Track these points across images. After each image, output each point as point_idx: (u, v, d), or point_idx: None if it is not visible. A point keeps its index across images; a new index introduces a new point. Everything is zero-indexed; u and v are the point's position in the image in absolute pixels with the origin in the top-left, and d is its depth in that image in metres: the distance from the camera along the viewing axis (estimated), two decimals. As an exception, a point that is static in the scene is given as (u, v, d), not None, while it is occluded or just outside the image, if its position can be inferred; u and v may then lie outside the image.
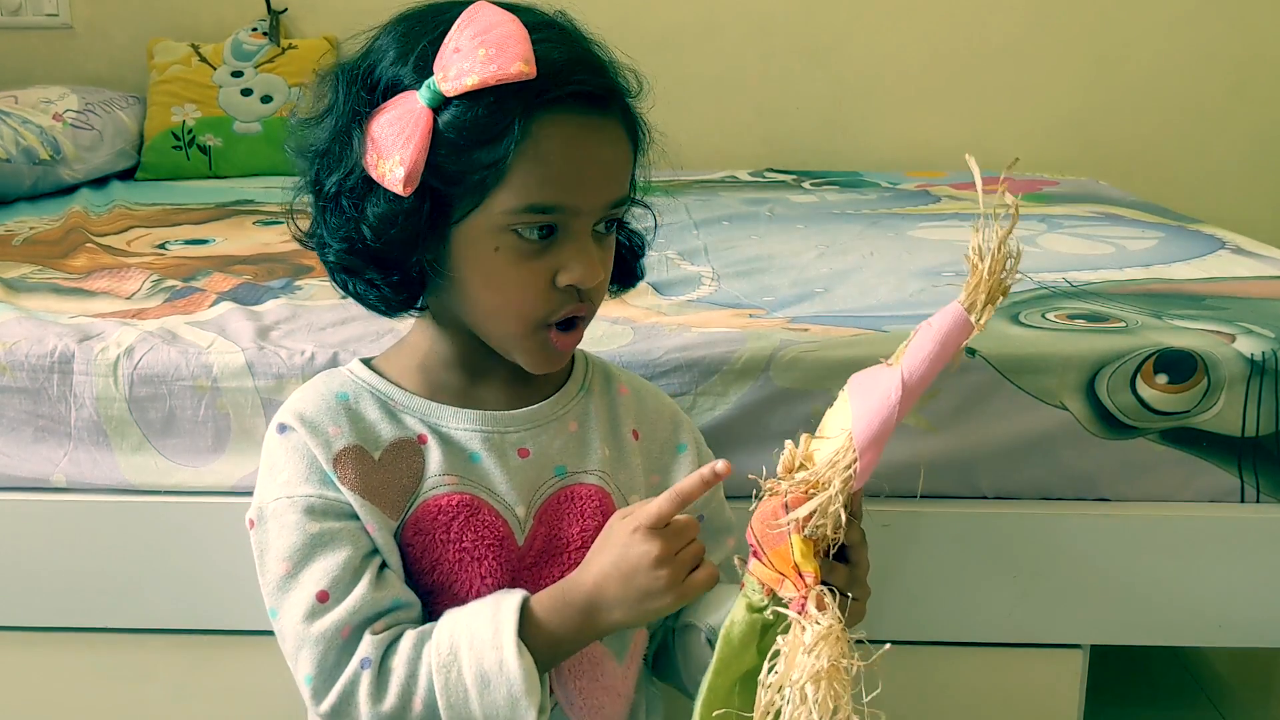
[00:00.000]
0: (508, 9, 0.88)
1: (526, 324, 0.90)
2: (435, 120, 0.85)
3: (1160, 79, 2.83)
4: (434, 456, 0.94)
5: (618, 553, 0.88)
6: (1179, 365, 1.24)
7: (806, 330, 1.32)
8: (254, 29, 2.67)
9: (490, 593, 0.92)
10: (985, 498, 1.27)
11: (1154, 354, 1.24)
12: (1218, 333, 1.30)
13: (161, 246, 1.78)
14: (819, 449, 0.84)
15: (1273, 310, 1.41)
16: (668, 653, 1.08)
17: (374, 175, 0.87)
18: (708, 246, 1.81)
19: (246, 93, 2.56)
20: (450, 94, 0.84)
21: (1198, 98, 2.84)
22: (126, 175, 2.49)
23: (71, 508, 1.25)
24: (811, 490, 0.82)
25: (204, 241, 1.81)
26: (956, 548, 1.27)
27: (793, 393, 1.24)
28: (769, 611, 0.84)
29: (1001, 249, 0.83)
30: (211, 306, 1.39)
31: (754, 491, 0.89)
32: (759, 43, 2.81)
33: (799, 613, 0.80)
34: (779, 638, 0.80)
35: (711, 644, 0.97)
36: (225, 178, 2.50)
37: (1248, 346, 1.26)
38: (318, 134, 0.92)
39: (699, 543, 0.88)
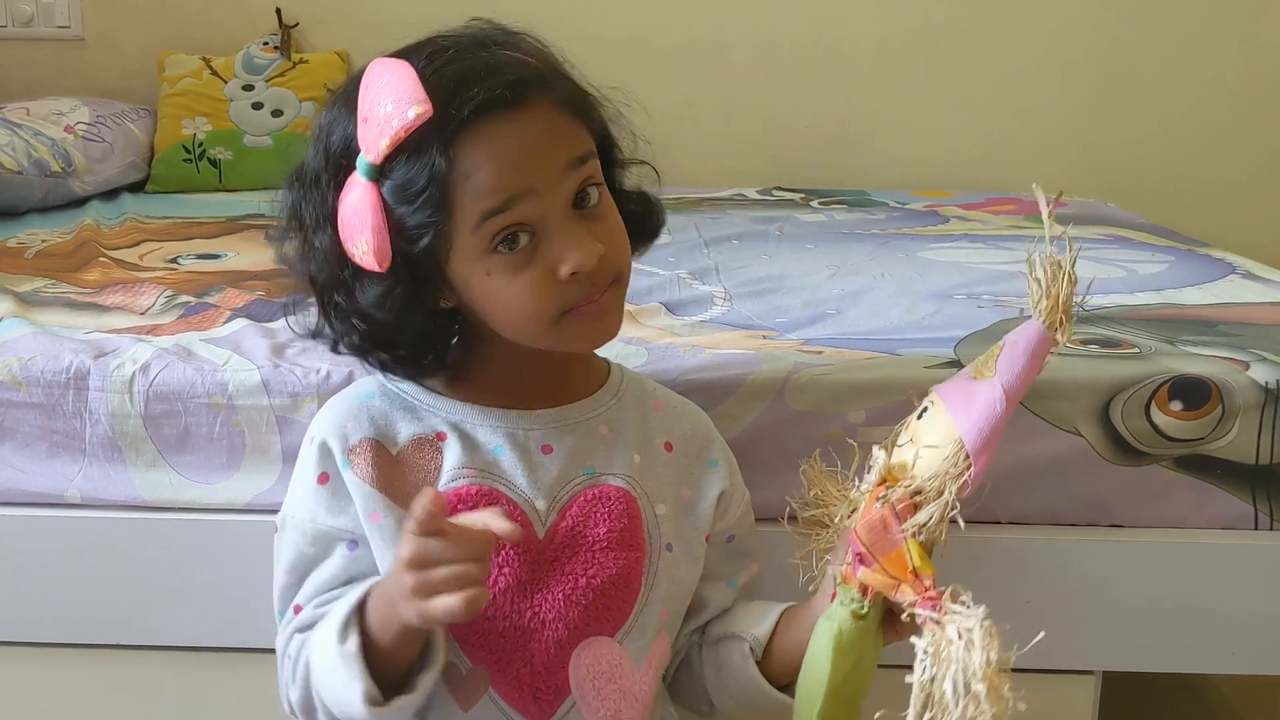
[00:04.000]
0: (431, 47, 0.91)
1: (549, 324, 0.91)
2: (380, 191, 0.88)
3: (1168, 101, 2.84)
4: (453, 452, 0.96)
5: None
6: (1193, 392, 1.24)
7: (820, 353, 1.32)
8: (265, 43, 2.67)
9: (508, 583, 0.94)
10: (999, 522, 1.27)
11: (1168, 381, 1.24)
12: (1232, 360, 1.30)
13: (173, 261, 1.78)
14: (921, 457, 0.88)
15: (1286, 337, 1.41)
16: (689, 667, 1.08)
17: (355, 261, 0.91)
18: (719, 265, 1.81)
19: (257, 106, 2.57)
20: (379, 162, 0.88)
21: (1205, 120, 2.85)
22: (137, 187, 2.49)
23: (85, 524, 1.25)
24: (918, 498, 0.87)
25: (216, 256, 1.82)
26: (969, 572, 1.26)
27: (807, 415, 1.24)
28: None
29: (1074, 268, 0.89)
30: (226, 323, 1.39)
31: (785, 513, 0.98)
32: (767, 61, 2.82)
33: (935, 610, 0.83)
34: (915, 640, 0.82)
35: (755, 655, 1.01)
36: (235, 190, 2.50)
37: (1262, 374, 1.26)
38: (293, 244, 0.97)
39: (467, 568, 0.81)
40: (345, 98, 0.93)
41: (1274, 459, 1.26)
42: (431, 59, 0.89)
